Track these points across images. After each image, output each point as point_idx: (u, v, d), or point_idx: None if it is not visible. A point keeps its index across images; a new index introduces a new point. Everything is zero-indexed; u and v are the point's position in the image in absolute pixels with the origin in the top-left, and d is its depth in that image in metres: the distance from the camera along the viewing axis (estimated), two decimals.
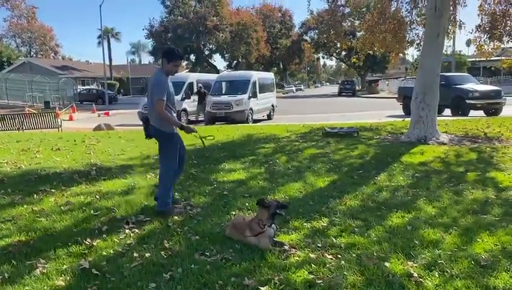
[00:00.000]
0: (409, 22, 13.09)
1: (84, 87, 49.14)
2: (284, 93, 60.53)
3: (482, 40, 12.28)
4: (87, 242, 4.11)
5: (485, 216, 4.78)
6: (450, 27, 12.45)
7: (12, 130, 16.62)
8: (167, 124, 4.88)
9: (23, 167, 7.90)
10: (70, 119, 24.09)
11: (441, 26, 10.06)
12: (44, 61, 58.73)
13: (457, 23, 12.96)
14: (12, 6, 29.47)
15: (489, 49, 12.80)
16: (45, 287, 3.29)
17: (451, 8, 11.81)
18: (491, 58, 16.60)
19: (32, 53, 71.42)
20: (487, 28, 12.02)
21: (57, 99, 37.82)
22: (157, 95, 4.71)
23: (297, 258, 3.75)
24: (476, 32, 12.27)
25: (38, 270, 3.54)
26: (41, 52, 71.93)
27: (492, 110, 18.08)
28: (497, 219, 4.69)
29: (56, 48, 76.40)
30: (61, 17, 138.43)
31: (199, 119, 21.19)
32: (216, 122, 19.01)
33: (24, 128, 16.85)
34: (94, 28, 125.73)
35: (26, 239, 4.26)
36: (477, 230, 4.34)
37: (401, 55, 16.28)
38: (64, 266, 3.62)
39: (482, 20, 12.12)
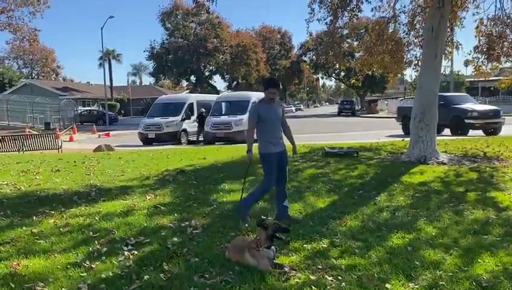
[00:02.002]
0: (406, 43, 13.25)
1: (84, 108, 49.38)
2: None
3: (480, 60, 12.40)
4: (86, 264, 4.09)
5: (486, 236, 4.76)
6: (447, 48, 12.61)
7: (13, 151, 16.65)
8: (248, 145, 5.53)
9: (23, 189, 7.89)
10: (71, 140, 24.15)
11: (438, 47, 10.19)
12: (45, 82, 59.15)
13: (455, 44, 13.12)
14: (15, 29, 29.79)
15: (487, 69, 12.92)
16: None
17: (449, 30, 11.98)
18: (490, 78, 16.74)
19: (33, 75, 72.08)
20: (485, 49, 12.15)
21: (58, 120, 37.98)
22: (248, 120, 5.51)
23: (298, 280, 3.73)
24: (474, 53, 12.41)
25: None
26: (43, 74, 72.56)
27: (491, 130, 18.15)
28: (498, 239, 4.67)
29: (57, 69, 77.20)
30: (63, 39, 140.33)
31: (200, 139, 21.24)
32: (216, 143, 19.05)
33: (24, 149, 16.89)
34: (95, 49, 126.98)
35: (25, 262, 4.23)
36: (478, 250, 4.32)
37: (400, 75, 16.43)
38: (63, 289, 3.59)
39: (479, 42, 12.27)
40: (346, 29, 14.52)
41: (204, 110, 21.59)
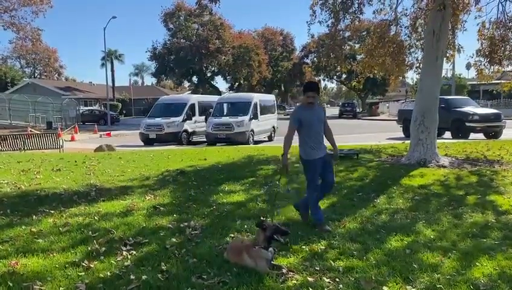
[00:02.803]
0: (408, 46, 13.24)
1: (86, 108, 49.45)
2: (285, 115, 60.71)
3: (482, 64, 12.39)
4: (84, 264, 4.09)
5: (485, 240, 4.76)
6: (449, 51, 12.59)
7: (14, 150, 16.68)
8: (284, 149, 5.28)
9: (23, 188, 7.91)
10: (72, 139, 24.18)
11: (439, 50, 10.19)
12: (47, 82, 59.25)
13: (456, 47, 13.11)
14: (17, 29, 29.85)
15: (490, 73, 12.90)
16: None
17: (450, 33, 11.97)
18: (491, 82, 16.73)
19: (36, 74, 72.20)
20: (487, 53, 12.14)
21: (60, 119, 38.05)
22: (288, 124, 5.28)
23: (295, 281, 3.73)
24: (476, 56, 12.40)
25: None
26: (45, 74, 72.67)
27: (492, 133, 18.14)
28: (496, 242, 4.67)
29: (60, 69, 77.24)
30: (66, 39, 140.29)
31: (202, 140, 21.22)
32: (217, 144, 19.07)
33: (26, 148, 16.91)
34: (98, 50, 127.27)
35: (24, 260, 4.24)
36: (476, 254, 4.32)
37: (401, 78, 16.41)
38: (61, 288, 3.60)
39: (481, 45, 12.25)
40: (348, 31, 14.51)
41: (211, 111, 21.60)
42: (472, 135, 17.92)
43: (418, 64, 13.07)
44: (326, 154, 5.33)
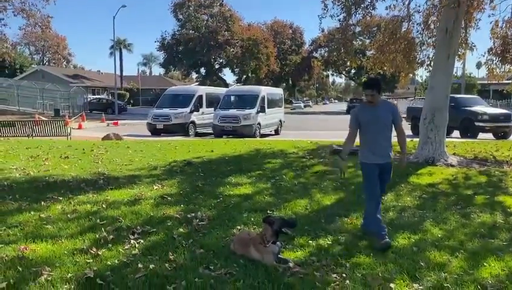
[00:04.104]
0: (419, 43, 13.12)
1: (94, 97, 49.62)
2: (292, 109, 60.69)
3: (494, 63, 12.26)
4: (92, 251, 4.12)
5: (493, 240, 4.73)
6: (461, 49, 12.47)
7: (23, 136, 16.79)
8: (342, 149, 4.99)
9: (32, 174, 7.97)
10: (80, 127, 24.29)
11: (451, 48, 10.09)
12: (56, 69, 59.55)
13: (469, 45, 12.98)
14: (27, 15, 29.87)
15: (501, 72, 12.77)
16: None
17: (463, 30, 11.85)
18: (502, 82, 16.58)
19: (44, 61, 72.48)
20: (499, 52, 12.02)
21: (67, 107, 38.22)
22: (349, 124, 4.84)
23: (302, 275, 3.73)
24: (488, 55, 12.27)
25: (43, 277, 3.54)
26: (54, 61, 72.96)
27: (502, 134, 18.00)
28: (504, 243, 4.64)
29: (68, 57, 77.54)
30: (75, 27, 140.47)
31: (208, 132, 21.22)
32: (224, 136, 19.08)
33: (34, 135, 17.02)
34: (107, 38, 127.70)
35: (33, 246, 4.28)
36: (484, 254, 4.29)
37: (411, 75, 16.29)
38: (69, 274, 3.62)
39: (494, 44, 12.13)
40: (359, 26, 14.39)
41: None
42: (481, 135, 17.78)
43: (429, 62, 12.95)
44: (386, 163, 4.74)
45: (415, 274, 3.79)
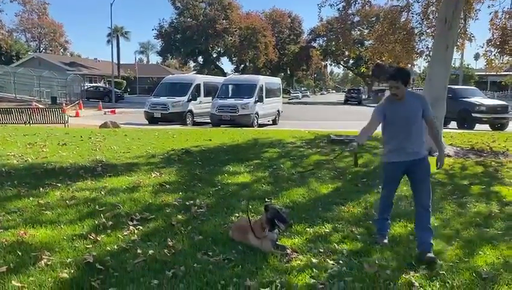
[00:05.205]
0: (418, 33, 13.12)
1: (91, 85, 49.37)
2: (289, 99, 60.59)
3: (493, 54, 12.29)
4: (91, 237, 4.15)
5: (488, 229, 4.79)
6: (460, 40, 12.47)
7: (20, 123, 16.74)
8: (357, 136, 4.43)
9: (30, 161, 7.97)
10: (77, 115, 24.19)
11: (450, 39, 10.07)
12: (53, 57, 59.09)
13: (468, 36, 12.97)
14: (24, 1, 29.73)
15: (499, 63, 12.80)
16: (49, 278, 3.33)
17: (462, 21, 11.83)
18: (500, 73, 16.62)
19: (41, 48, 71.90)
20: (498, 43, 12.03)
21: (64, 95, 38.02)
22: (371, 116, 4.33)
23: (299, 262, 3.78)
24: (486, 46, 12.29)
25: (43, 262, 3.58)
26: (51, 48, 72.36)
27: (498, 125, 18.07)
28: (500, 232, 4.70)
29: (65, 44, 76.89)
30: (72, 14, 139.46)
31: (206, 121, 21.20)
32: (221, 125, 19.06)
33: (31, 122, 16.98)
34: (104, 26, 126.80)
35: (32, 231, 4.30)
36: (479, 243, 4.35)
37: (410, 65, 16.29)
38: (69, 259, 3.65)
39: (493, 35, 12.13)
40: (358, 16, 14.37)
41: None
42: (478, 126, 17.85)
43: (427, 52, 12.97)
44: (415, 160, 4.17)
45: (411, 262, 3.84)
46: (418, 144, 4.20)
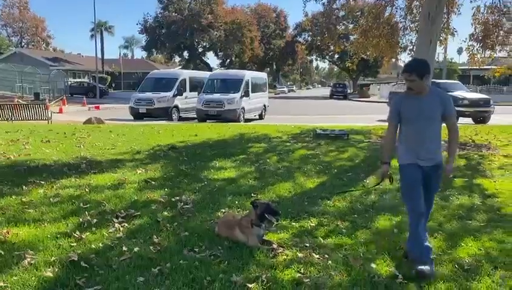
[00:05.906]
0: (402, 28, 13.21)
1: (75, 80, 48.68)
2: (276, 94, 60.62)
3: (475, 48, 12.43)
4: (76, 235, 4.12)
5: (470, 222, 4.88)
6: (443, 34, 12.59)
7: (2, 120, 16.44)
8: (384, 153, 4.05)
9: (12, 158, 7.84)
10: (60, 111, 23.85)
11: (433, 33, 10.16)
12: (35, 52, 57.99)
13: (451, 30, 13.11)
14: None
15: (481, 58, 12.97)
16: (33, 278, 3.29)
17: (445, 16, 11.94)
18: (482, 67, 16.83)
19: (23, 44, 70.58)
20: (480, 37, 12.17)
21: (47, 91, 37.39)
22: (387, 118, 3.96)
23: (285, 257, 3.80)
24: (469, 40, 12.43)
25: (26, 261, 3.53)
26: (33, 43, 71.06)
27: (481, 118, 18.34)
28: (482, 224, 4.78)
29: (48, 39, 75.54)
30: (54, 9, 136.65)
31: (192, 116, 21.09)
32: (207, 120, 18.99)
33: (14, 119, 16.68)
34: (87, 20, 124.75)
35: (15, 230, 4.24)
36: (462, 235, 4.43)
37: (394, 60, 16.42)
38: (53, 258, 3.62)
39: (475, 29, 12.27)
40: (343, 10, 14.42)
41: None
42: (461, 119, 18.08)
43: (411, 47, 13.08)
44: (432, 166, 3.71)
45: (396, 254, 3.89)
46: (437, 147, 3.75)
